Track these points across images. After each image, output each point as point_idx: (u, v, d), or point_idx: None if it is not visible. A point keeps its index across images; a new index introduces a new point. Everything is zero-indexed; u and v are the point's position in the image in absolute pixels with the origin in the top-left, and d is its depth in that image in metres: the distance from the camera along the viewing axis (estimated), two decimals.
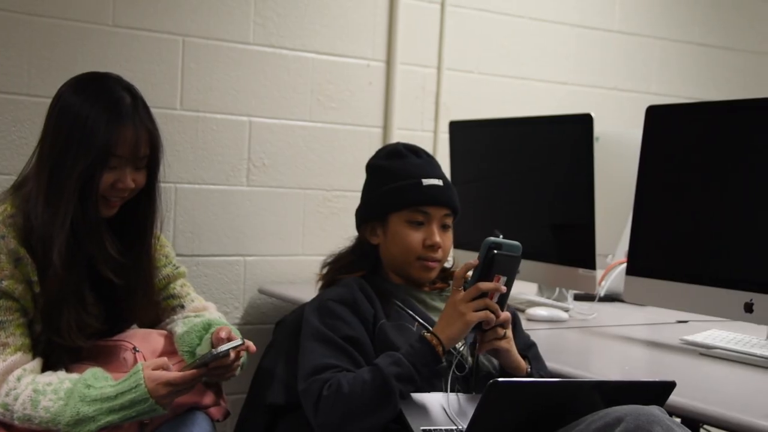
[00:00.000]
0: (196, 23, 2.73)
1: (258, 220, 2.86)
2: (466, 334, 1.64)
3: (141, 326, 1.82)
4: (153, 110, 2.61)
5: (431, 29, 3.15)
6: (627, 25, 3.61)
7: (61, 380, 1.55)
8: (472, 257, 1.68)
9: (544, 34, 3.40)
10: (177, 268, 1.88)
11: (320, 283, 1.91)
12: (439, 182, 1.83)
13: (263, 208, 2.87)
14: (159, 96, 2.68)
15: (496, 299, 1.65)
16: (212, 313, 1.86)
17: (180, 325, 1.78)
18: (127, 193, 1.67)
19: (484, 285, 1.63)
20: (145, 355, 1.66)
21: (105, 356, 1.66)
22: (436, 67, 3.16)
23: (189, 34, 2.72)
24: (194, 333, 1.75)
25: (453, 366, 1.71)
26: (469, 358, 1.75)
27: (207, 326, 1.76)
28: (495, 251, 1.63)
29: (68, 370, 1.63)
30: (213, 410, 1.73)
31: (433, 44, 3.15)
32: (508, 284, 1.66)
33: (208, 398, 1.73)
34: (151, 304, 1.80)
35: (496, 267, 1.63)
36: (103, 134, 1.60)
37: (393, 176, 1.83)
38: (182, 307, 1.84)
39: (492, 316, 1.63)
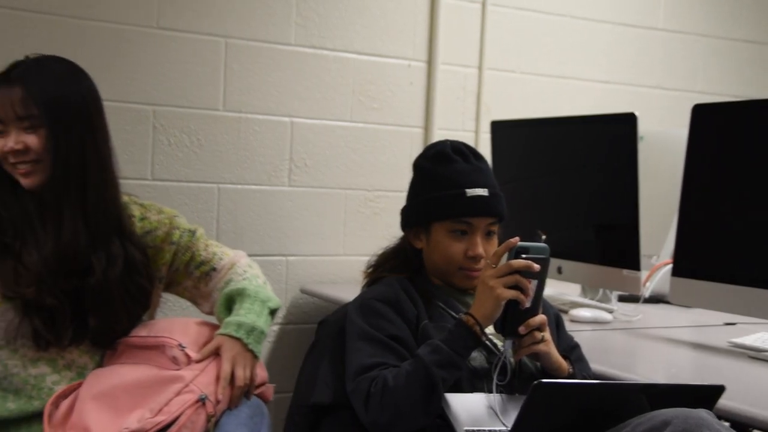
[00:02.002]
0: (239, 25, 2.75)
1: (300, 220, 2.88)
2: (499, 310, 1.62)
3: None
4: (196, 111, 2.72)
5: (472, 29, 3.13)
6: (671, 22, 3.56)
7: None
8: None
9: (586, 33, 3.37)
10: (193, 233, 1.84)
11: (365, 282, 1.91)
12: (483, 192, 1.77)
13: (305, 208, 2.88)
14: (202, 97, 2.71)
15: (531, 297, 1.63)
16: (237, 270, 1.83)
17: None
18: (27, 156, 1.61)
19: (516, 262, 1.60)
20: (191, 350, 1.66)
21: (152, 358, 1.66)
22: (477, 66, 3.14)
23: (231, 36, 2.74)
24: (220, 312, 1.76)
25: (496, 369, 1.69)
26: (511, 360, 1.74)
27: (227, 302, 1.76)
28: (522, 255, 1.61)
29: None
30: (265, 391, 1.73)
31: (473, 44, 3.14)
32: (539, 287, 1.64)
33: (262, 372, 1.73)
34: (152, 285, 1.77)
35: (525, 271, 1.62)
36: None
37: (437, 184, 1.79)
38: (214, 269, 1.84)
39: (523, 296, 1.61)
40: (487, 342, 1.73)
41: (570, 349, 1.82)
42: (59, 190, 1.61)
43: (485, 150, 2.93)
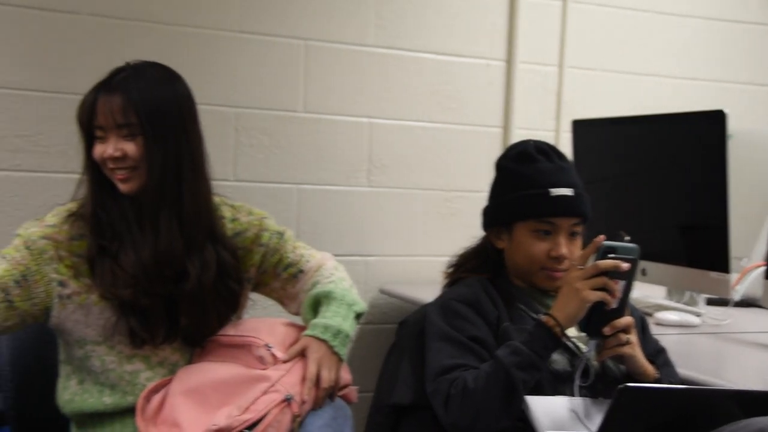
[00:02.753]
0: (318, 27, 2.77)
1: (378, 220, 2.88)
2: (583, 313, 1.59)
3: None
4: (276, 113, 2.76)
5: (552, 26, 3.09)
6: (762, 15, 3.43)
7: None
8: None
9: (671, 29, 3.29)
10: (281, 235, 1.86)
11: (445, 283, 1.90)
12: (568, 192, 1.75)
13: (383, 209, 2.89)
14: (282, 99, 2.75)
15: (618, 299, 1.59)
16: (323, 272, 1.84)
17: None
18: (125, 163, 1.64)
19: (604, 263, 1.57)
20: (277, 350, 1.68)
21: (239, 356, 1.69)
22: (558, 65, 3.10)
23: (311, 38, 2.77)
24: (306, 313, 1.77)
25: (579, 371, 1.67)
26: (594, 362, 1.71)
27: (313, 305, 1.77)
28: (610, 255, 1.58)
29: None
30: (349, 393, 1.75)
31: (554, 42, 3.09)
32: (626, 288, 1.60)
33: (346, 374, 1.74)
34: (242, 286, 1.79)
35: (612, 271, 1.58)
36: (88, 108, 1.65)
37: (520, 183, 1.77)
38: (301, 271, 1.85)
39: (609, 297, 1.58)
40: (569, 343, 1.70)
41: (656, 354, 1.78)
42: (155, 197, 1.65)
43: (566, 149, 2.90)
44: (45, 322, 1.69)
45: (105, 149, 1.64)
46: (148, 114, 1.64)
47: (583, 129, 2.75)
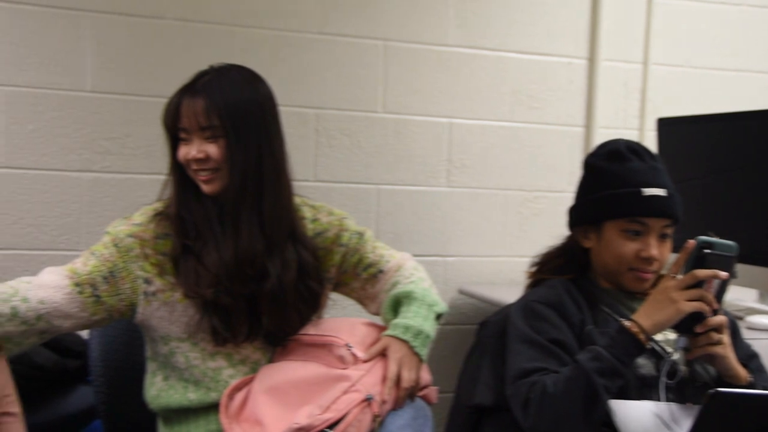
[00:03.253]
0: (397, 27, 2.78)
1: (458, 220, 2.87)
2: (675, 322, 1.55)
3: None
4: (356, 113, 2.77)
5: (636, 23, 3.02)
6: None
7: None
8: None
9: (760, 22, 3.17)
10: (361, 235, 1.86)
11: (527, 283, 1.88)
12: (661, 192, 1.72)
13: (463, 209, 2.88)
14: (361, 100, 2.76)
15: (716, 306, 1.55)
16: (403, 273, 1.84)
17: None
18: (207, 164, 1.67)
19: (701, 272, 1.53)
20: (357, 349, 1.69)
21: (320, 356, 1.70)
22: (642, 62, 3.03)
23: (390, 38, 2.77)
24: (386, 314, 1.78)
25: (664, 373, 1.62)
26: (682, 366, 1.66)
27: (393, 305, 1.77)
28: (706, 251, 1.53)
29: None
30: (429, 393, 1.74)
31: (638, 39, 3.02)
32: (722, 287, 1.55)
33: (426, 375, 1.74)
34: (322, 286, 1.80)
35: (708, 268, 1.53)
36: (172, 111, 1.69)
37: (611, 182, 1.74)
38: (381, 272, 1.85)
39: (707, 308, 1.53)
40: (656, 347, 1.66)
41: (748, 358, 1.73)
42: (237, 198, 1.68)
43: (650, 148, 2.84)
44: (131, 318, 1.73)
45: (189, 151, 1.68)
46: (230, 116, 1.66)
47: (668, 127, 2.68)
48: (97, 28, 2.50)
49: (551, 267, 1.84)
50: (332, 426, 1.55)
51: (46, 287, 1.65)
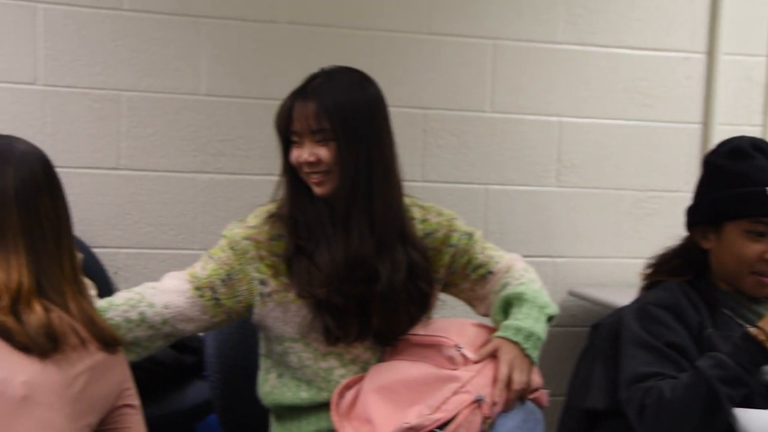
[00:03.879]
0: (506, 26, 2.75)
1: (568, 221, 2.83)
2: None
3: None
4: (464, 113, 2.76)
5: (760, 13, 2.89)
6: None
7: None
8: None
9: None
10: (471, 236, 1.85)
11: (642, 285, 1.83)
12: None
13: (573, 209, 2.83)
14: (470, 99, 2.75)
15: None
16: (513, 274, 1.82)
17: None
18: (318, 167, 1.68)
19: None
20: (467, 350, 1.68)
21: (430, 356, 1.70)
22: (767, 54, 2.90)
23: (498, 37, 2.75)
24: (496, 315, 1.76)
25: None
26: None
27: (504, 306, 1.75)
28: None
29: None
30: (540, 396, 1.71)
31: (762, 30, 2.90)
32: None
33: (537, 377, 1.72)
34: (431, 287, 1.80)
35: None
36: (284, 114, 1.70)
37: (733, 181, 1.68)
38: (491, 273, 1.84)
39: None
40: None
41: None
42: (347, 200, 1.70)
43: None
44: (248, 318, 1.78)
45: (300, 154, 1.70)
46: (341, 120, 1.68)
47: None
48: (212, 33, 2.58)
49: (667, 268, 1.79)
50: (442, 426, 1.54)
51: (170, 292, 1.70)
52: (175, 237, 2.60)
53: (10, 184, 1.35)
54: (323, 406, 1.73)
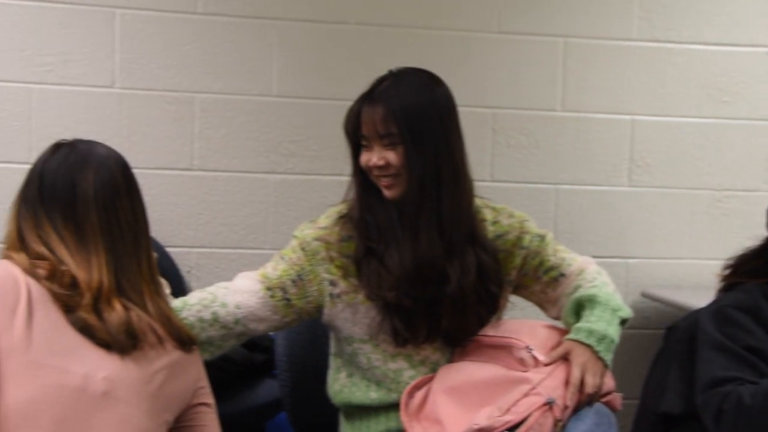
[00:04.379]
0: (578, 23, 2.72)
1: (641, 221, 2.78)
2: None
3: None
4: (534, 112, 2.74)
5: None
6: None
7: None
8: None
9: None
10: (542, 238, 1.83)
11: (719, 287, 1.79)
12: None
13: (646, 209, 2.78)
14: (540, 98, 2.73)
15: None
16: (586, 277, 1.80)
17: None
18: (388, 171, 1.68)
19: None
20: (538, 352, 1.66)
21: (500, 357, 1.69)
22: None
23: (570, 35, 2.72)
24: (568, 317, 1.74)
25: None
26: None
27: (576, 308, 1.73)
28: None
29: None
30: (613, 399, 1.69)
31: None
32: None
33: (610, 381, 1.69)
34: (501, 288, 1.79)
35: None
36: (353, 119, 1.71)
37: None
38: (563, 275, 1.82)
39: None
40: None
41: None
42: (416, 203, 1.69)
43: None
44: (318, 318, 1.79)
45: (370, 158, 1.71)
46: (408, 123, 1.67)
47: None
48: (283, 35, 2.61)
49: (747, 270, 1.75)
50: (512, 429, 1.53)
51: (242, 292, 1.73)
52: (246, 237, 2.65)
53: (90, 187, 1.39)
54: (392, 406, 1.74)
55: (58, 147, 1.45)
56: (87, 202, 1.39)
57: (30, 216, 1.39)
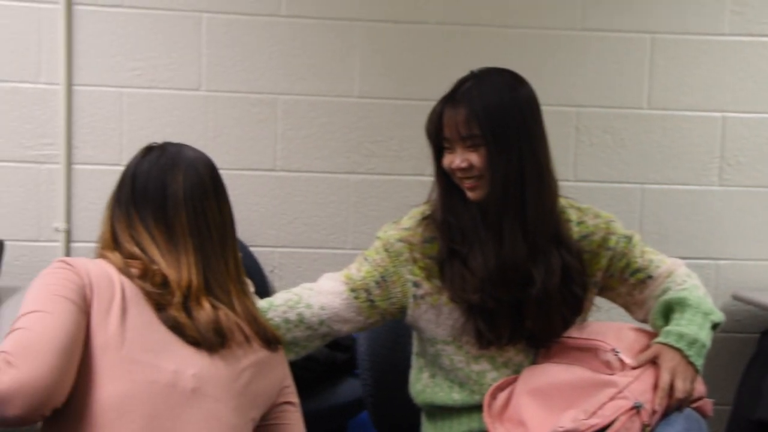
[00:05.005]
0: (666, 19, 2.65)
1: (731, 221, 2.70)
2: None
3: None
4: (619, 110, 2.68)
5: None
6: None
7: None
8: None
9: None
10: (629, 239, 1.79)
11: None
12: None
13: (738, 209, 2.70)
14: (625, 96, 2.68)
15: None
16: (675, 279, 1.75)
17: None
18: (471, 173, 1.66)
19: None
20: (625, 355, 1.62)
21: (585, 359, 1.66)
22: None
23: (657, 31, 2.66)
24: (656, 320, 1.69)
25: None
26: None
27: (664, 311, 1.68)
28: None
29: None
30: (703, 405, 1.64)
31: None
32: None
33: (700, 386, 1.64)
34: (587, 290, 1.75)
35: None
36: (435, 121, 1.69)
37: None
38: (650, 277, 1.77)
39: None
40: None
41: None
42: (499, 204, 1.67)
43: None
44: (402, 319, 1.79)
45: (452, 160, 1.70)
46: (491, 125, 1.65)
47: None
48: (365, 36, 2.62)
49: None
50: None
51: (326, 293, 1.74)
52: (328, 236, 2.67)
53: (180, 188, 1.42)
54: (475, 408, 1.73)
55: (149, 150, 1.49)
56: (177, 203, 1.42)
57: (123, 217, 1.42)
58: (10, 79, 2.55)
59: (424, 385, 1.82)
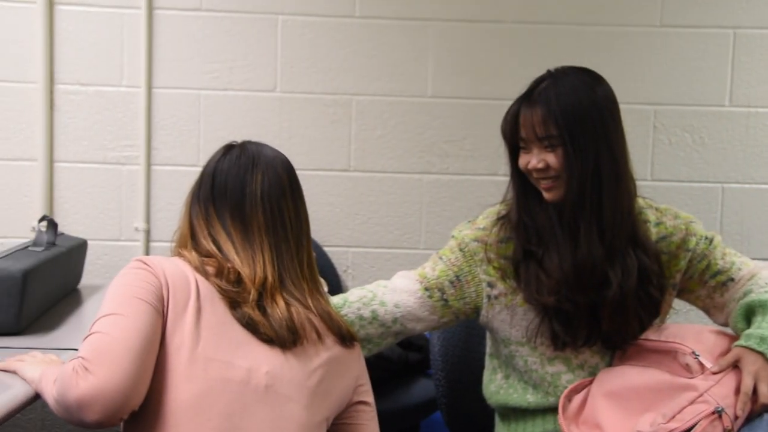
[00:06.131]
0: (749, 13, 2.58)
1: None
2: None
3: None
4: (699, 108, 2.62)
5: None
6: None
7: None
8: None
9: None
10: (710, 240, 1.75)
11: None
12: None
13: None
14: (705, 93, 2.62)
15: None
16: (758, 282, 1.69)
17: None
18: (547, 173, 1.64)
19: None
20: (705, 358, 1.58)
21: (663, 362, 1.63)
22: None
23: (740, 26, 2.59)
24: (737, 323, 1.65)
25: None
26: None
27: (746, 314, 1.63)
28: None
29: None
30: None
31: None
32: None
33: None
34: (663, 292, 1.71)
35: None
36: (511, 121, 1.68)
37: None
38: (731, 280, 1.72)
39: None
40: None
41: None
42: (575, 206, 1.65)
43: None
44: (475, 319, 1.79)
45: (529, 160, 1.68)
46: (567, 125, 1.63)
47: None
48: (439, 36, 2.62)
49: None
50: None
51: (400, 291, 1.74)
52: (401, 236, 2.67)
53: (258, 187, 1.44)
54: (549, 410, 1.71)
55: (229, 148, 1.51)
56: (255, 201, 1.44)
57: (202, 214, 1.45)
58: (94, 83, 2.64)
59: (497, 386, 1.81)
